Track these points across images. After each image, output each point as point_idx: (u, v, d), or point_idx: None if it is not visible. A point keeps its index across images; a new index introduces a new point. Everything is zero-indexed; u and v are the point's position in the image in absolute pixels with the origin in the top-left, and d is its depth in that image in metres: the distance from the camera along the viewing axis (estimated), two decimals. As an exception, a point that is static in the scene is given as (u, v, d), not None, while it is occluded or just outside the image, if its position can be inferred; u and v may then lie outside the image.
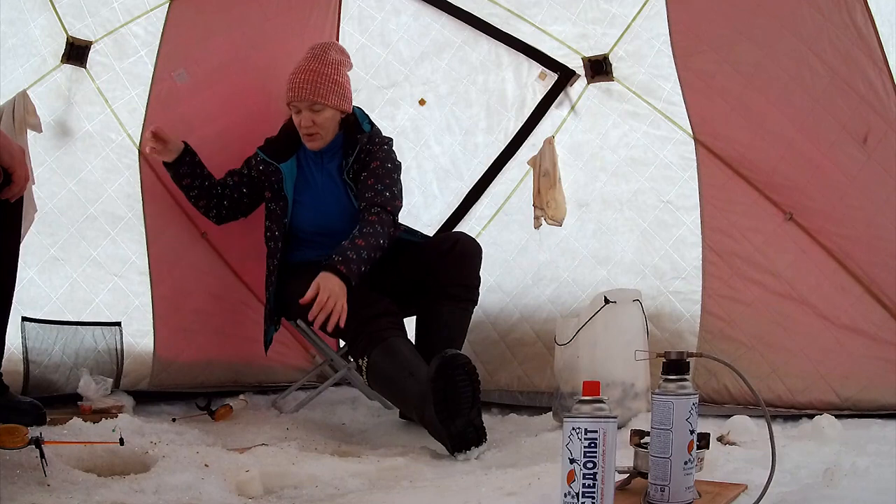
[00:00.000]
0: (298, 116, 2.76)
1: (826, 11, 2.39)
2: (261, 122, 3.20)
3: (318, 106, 2.74)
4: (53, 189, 2.82)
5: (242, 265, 3.22)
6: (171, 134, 2.84)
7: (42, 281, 2.79)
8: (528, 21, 3.01)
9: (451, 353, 2.25)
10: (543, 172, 2.97)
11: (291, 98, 2.75)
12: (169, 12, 2.95)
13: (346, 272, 2.47)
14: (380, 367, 2.40)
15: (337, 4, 3.30)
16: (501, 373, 3.06)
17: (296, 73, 2.75)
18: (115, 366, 2.82)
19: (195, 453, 2.01)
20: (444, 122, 3.25)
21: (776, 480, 1.48)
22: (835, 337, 2.50)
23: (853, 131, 2.43)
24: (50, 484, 1.69)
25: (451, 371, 2.20)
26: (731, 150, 2.68)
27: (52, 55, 2.78)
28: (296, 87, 2.73)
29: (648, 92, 2.82)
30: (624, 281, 2.85)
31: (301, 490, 1.85)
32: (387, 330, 2.45)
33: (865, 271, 2.48)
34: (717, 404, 2.59)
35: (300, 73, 2.75)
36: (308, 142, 2.81)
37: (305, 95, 2.72)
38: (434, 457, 2.23)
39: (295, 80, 2.74)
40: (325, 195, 2.83)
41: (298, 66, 2.77)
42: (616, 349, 2.42)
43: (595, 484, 1.33)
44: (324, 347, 2.95)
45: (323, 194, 2.83)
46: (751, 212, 2.65)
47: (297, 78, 2.74)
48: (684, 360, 1.51)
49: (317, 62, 2.77)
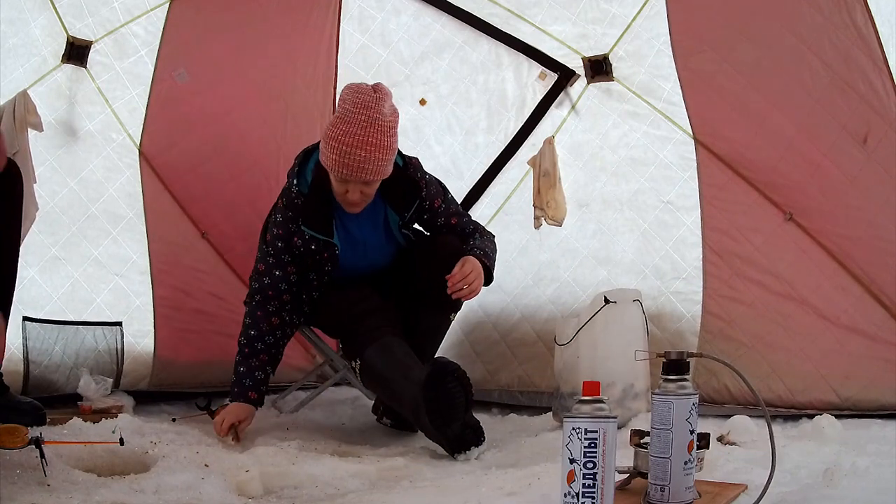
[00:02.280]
0: (344, 186, 2.36)
1: (826, 11, 2.39)
2: (261, 122, 3.21)
3: (376, 182, 2.40)
4: (54, 188, 2.82)
5: (242, 265, 3.22)
6: None
7: (43, 280, 2.79)
8: (528, 21, 3.01)
9: (442, 360, 2.25)
10: (543, 172, 2.98)
11: (346, 175, 2.31)
12: (169, 12, 2.95)
13: (488, 264, 2.46)
14: (373, 368, 2.38)
15: (337, 4, 3.30)
16: (502, 373, 3.06)
17: (351, 147, 2.26)
18: (115, 366, 2.82)
19: (195, 453, 2.01)
20: (445, 122, 3.25)
21: (776, 480, 1.48)
22: (835, 337, 2.50)
23: (853, 131, 2.42)
24: (50, 484, 1.69)
25: (441, 379, 2.19)
26: (731, 150, 2.68)
27: (52, 55, 2.79)
28: (353, 165, 2.28)
29: (648, 92, 2.82)
30: (624, 281, 2.85)
31: (301, 490, 1.85)
32: (379, 328, 2.41)
33: (865, 271, 2.48)
34: (717, 404, 2.59)
35: (358, 147, 2.26)
36: (349, 209, 2.44)
37: (363, 177, 2.32)
38: (434, 457, 2.23)
39: (352, 156, 2.27)
40: (371, 251, 2.56)
41: (348, 135, 2.27)
42: (616, 349, 2.41)
43: (595, 484, 1.33)
44: (324, 347, 2.95)
45: (369, 250, 2.56)
46: (751, 212, 2.65)
47: (355, 155, 2.27)
48: (684, 360, 1.51)
49: (375, 131, 2.28)
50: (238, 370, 2.48)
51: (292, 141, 3.26)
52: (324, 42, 3.30)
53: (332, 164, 2.32)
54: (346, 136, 2.27)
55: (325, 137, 2.35)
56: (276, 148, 3.23)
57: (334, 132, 2.30)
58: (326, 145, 2.33)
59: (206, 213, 3.15)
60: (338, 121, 2.31)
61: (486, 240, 2.58)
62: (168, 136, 3.05)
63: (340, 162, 2.29)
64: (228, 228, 3.18)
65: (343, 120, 2.29)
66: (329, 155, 2.32)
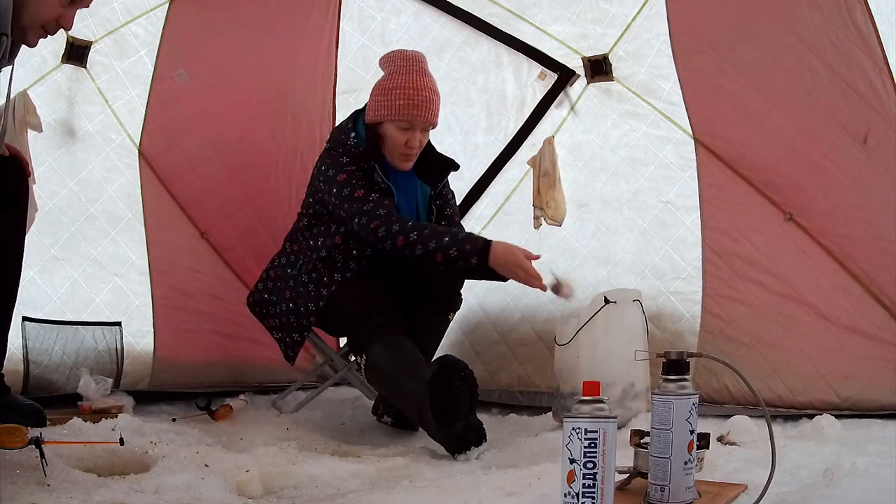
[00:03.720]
0: (406, 135, 2.49)
1: (826, 11, 2.39)
2: (261, 122, 3.20)
3: (430, 127, 2.54)
4: (54, 189, 2.82)
5: (242, 265, 3.22)
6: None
7: (42, 281, 2.79)
8: (528, 21, 3.01)
9: (449, 358, 2.26)
10: (543, 172, 2.97)
11: (414, 117, 2.46)
12: (169, 12, 2.95)
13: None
14: (379, 364, 2.40)
15: (337, 4, 3.30)
16: (502, 373, 3.05)
17: (415, 90, 2.46)
18: (115, 366, 2.82)
19: (195, 453, 2.01)
20: (445, 121, 3.23)
21: (776, 480, 1.48)
22: (835, 337, 2.50)
23: (853, 131, 2.42)
24: (50, 484, 1.69)
25: (448, 376, 2.20)
26: (731, 150, 2.68)
27: (52, 55, 2.79)
28: (421, 106, 2.46)
29: (648, 92, 2.82)
30: (624, 281, 2.85)
31: (301, 490, 1.85)
32: (387, 326, 2.43)
33: (865, 271, 2.48)
34: (717, 404, 2.58)
35: (420, 90, 2.46)
36: (405, 161, 2.56)
37: (430, 118, 2.49)
38: (434, 457, 2.23)
39: (419, 98, 2.46)
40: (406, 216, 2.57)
41: (409, 81, 2.47)
42: (616, 349, 2.41)
43: (595, 484, 1.33)
44: (324, 347, 2.94)
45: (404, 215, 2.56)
46: (751, 212, 2.65)
47: (420, 97, 2.46)
48: (684, 360, 1.51)
49: (430, 79, 2.52)
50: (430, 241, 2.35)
51: (292, 141, 3.26)
52: (324, 42, 3.30)
53: (398, 109, 2.46)
54: (408, 83, 2.46)
55: (383, 90, 2.50)
56: (276, 148, 3.23)
57: (394, 83, 2.48)
58: (387, 96, 2.47)
59: (206, 213, 3.15)
60: (393, 74, 2.50)
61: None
62: (168, 137, 3.05)
63: (408, 105, 2.46)
64: (228, 228, 3.18)
65: (398, 72, 2.49)
66: (393, 102, 2.46)
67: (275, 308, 2.68)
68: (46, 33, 2.02)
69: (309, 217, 2.66)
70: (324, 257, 2.57)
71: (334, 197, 2.50)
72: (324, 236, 2.59)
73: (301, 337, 2.62)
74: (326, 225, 2.60)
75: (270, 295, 2.70)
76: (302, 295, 2.58)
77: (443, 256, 2.34)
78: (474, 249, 2.32)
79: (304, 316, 2.58)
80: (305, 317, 2.58)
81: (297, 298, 2.60)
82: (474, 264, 2.31)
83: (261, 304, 2.73)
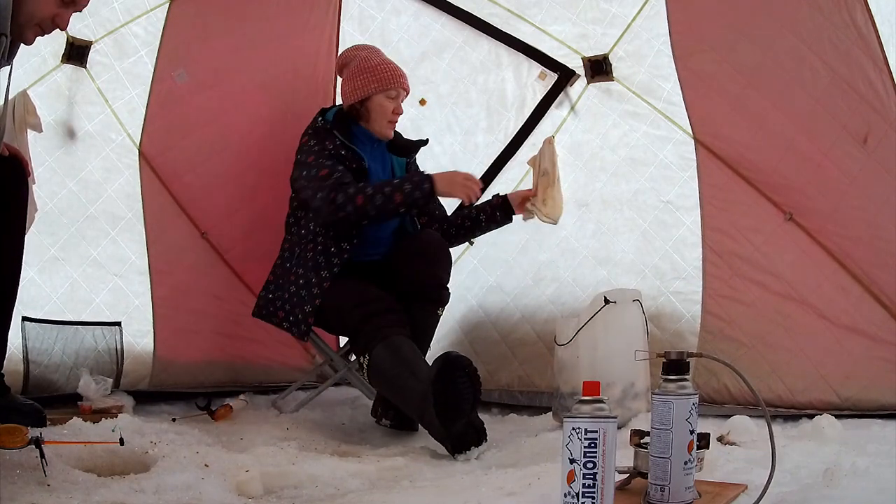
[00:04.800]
0: (394, 103, 2.75)
1: (826, 11, 2.39)
2: (260, 122, 3.20)
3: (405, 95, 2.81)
4: (54, 189, 2.82)
5: (242, 265, 3.22)
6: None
7: (42, 281, 2.79)
8: (528, 21, 3.01)
9: (454, 354, 2.26)
10: (542, 172, 2.96)
11: (398, 83, 2.75)
12: (169, 12, 2.95)
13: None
14: (381, 365, 2.40)
15: (337, 4, 3.30)
16: (502, 373, 3.06)
17: (391, 64, 2.78)
18: (115, 366, 2.82)
19: (195, 453, 2.01)
20: (445, 121, 3.25)
21: (776, 480, 1.48)
22: (835, 337, 2.50)
23: (853, 131, 2.42)
24: (50, 484, 1.69)
25: (452, 372, 2.21)
26: (731, 150, 2.68)
27: (52, 55, 2.79)
28: (403, 76, 2.77)
29: (648, 92, 2.82)
30: (624, 281, 2.85)
31: (301, 490, 1.85)
32: (389, 328, 2.44)
33: (865, 271, 2.48)
34: (717, 404, 2.58)
35: (391, 64, 2.78)
36: (388, 129, 2.79)
37: (406, 84, 2.79)
38: (434, 457, 2.23)
39: (396, 69, 2.77)
40: None
41: (381, 58, 2.79)
42: (616, 349, 2.41)
43: (595, 484, 1.33)
44: (324, 347, 2.95)
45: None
46: (751, 212, 2.65)
47: (397, 69, 2.77)
48: (684, 360, 1.51)
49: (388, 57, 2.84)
50: (385, 187, 2.56)
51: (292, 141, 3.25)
52: (324, 42, 3.30)
53: (387, 80, 2.73)
54: (385, 60, 2.78)
55: (361, 70, 2.75)
56: (276, 148, 3.22)
57: (369, 63, 2.76)
58: (368, 73, 2.73)
59: (206, 213, 3.15)
60: (366, 57, 2.78)
61: None
62: (168, 137, 3.05)
63: (395, 74, 2.75)
64: (228, 228, 3.18)
65: (372, 55, 2.80)
66: (380, 76, 2.73)
67: (280, 299, 2.70)
68: (43, 31, 2.04)
69: (294, 210, 2.79)
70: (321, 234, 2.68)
71: (303, 180, 2.65)
72: (313, 221, 2.70)
73: (312, 307, 2.62)
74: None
75: (275, 293, 2.73)
76: (310, 269, 2.65)
77: (400, 195, 2.54)
78: (422, 178, 2.58)
79: (315, 285, 2.63)
80: (318, 285, 2.63)
81: (305, 276, 2.65)
82: (428, 189, 2.56)
83: (266, 306, 2.75)
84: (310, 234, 2.70)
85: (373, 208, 2.53)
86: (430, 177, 2.58)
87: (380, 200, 2.53)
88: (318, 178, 2.59)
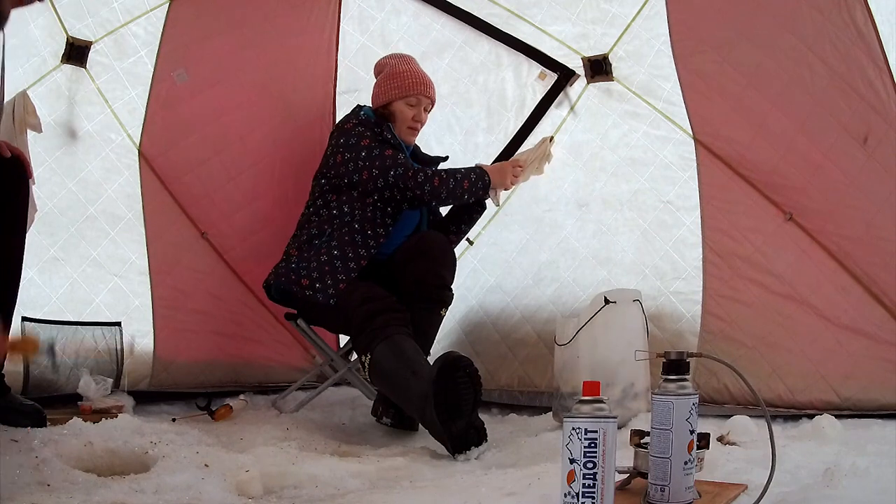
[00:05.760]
0: (414, 110, 2.82)
1: (826, 11, 2.39)
2: (261, 121, 3.20)
3: (430, 106, 2.89)
4: (53, 189, 2.82)
5: (242, 265, 3.22)
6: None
7: (42, 281, 2.79)
8: (528, 21, 3.01)
9: (454, 354, 2.26)
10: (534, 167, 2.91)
11: (423, 91, 2.82)
12: (169, 12, 2.95)
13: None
14: (382, 363, 2.40)
15: (337, 4, 3.30)
16: (502, 373, 3.06)
17: (420, 74, 2.85)
18: (115, 366, 2.81)
19: (195, 453, 2.01)
20: (445, 122, 3.25)
21: (776, 480, 1.48)
22: (835, 337, 2.50)
23: (853, 131, 2.42)
24: (50, 484, 1.69)
25: (453, 372, 2.21)
26: (731, 150, 2.68)
27: (52, 55, 2.79)
28: (427, 85, 2.85)
29: (648, 92, 2.82)
30: (624, 281, 2.85)
31: (301, 490, 1.85)
32: (391, 327, 2.44)
33: (865, 271, 2.48)
34: (717, 404, 2.59)
35: (424, 74, 2.86)
36: (408, 136, 2.86)
37: (432, 95, 2.87)
38: (434, 457, 2.23)
39: (424, 79, 2.85)
40: None
41: (413, 67, 2.86)
42: (616, 349, 2.42)
43: (595, 484, 1.33)
44: (324, 347, 2.95)
45: None
46: (751, 212, 2.65)
47: (424, 78, 2.85)
48: (684, 360, 1.51)
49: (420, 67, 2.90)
50: (456, 174, 2.71)
51: (292, 141, 3.26)
52: (324, 42, 3.30)
53: (409, 87, 2.81)
54: (413, 69, 2.85)
55: (389, 76, 2.84)
56: (276, 148, 3.23)
57: (398, 69, 2.85)
58: (395, 79, 2.82)
59: (206, 213, 3.15)
60: (395, 64, 2.87)
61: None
62: (168, 137, 3.05)
63: (417, 82, 2.82)
64: (228, 228, 3.18)
65: (401, 62, 2.88)
66: (403, 82, 2.82)
67: (306, 269, 2.64)
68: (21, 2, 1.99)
69: (324, 193, 2.77)
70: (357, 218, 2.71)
71: (363, 160, 2.67)
72: (347, 204, 2.72)
73: (347, 278, 2.60)
74: (348, 194, 2.73)
75: (299, 264, 2.67)
76: (347, 244, 2.66)
77: (468, 184, 2.71)
78: (481, 171, 2.75)
79: (352, 260, 2.64)
80: (355, 260, 2.64)
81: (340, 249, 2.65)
82: (487, 182, 2.75)
83: (288, 275, 2.68)
84: (346, 216, 2.72)
85: (446, 191, 2.67)
86: (486, 171, 2.75)
87: (452, 185, 2.67)
88: (387, 157, 2.66)
